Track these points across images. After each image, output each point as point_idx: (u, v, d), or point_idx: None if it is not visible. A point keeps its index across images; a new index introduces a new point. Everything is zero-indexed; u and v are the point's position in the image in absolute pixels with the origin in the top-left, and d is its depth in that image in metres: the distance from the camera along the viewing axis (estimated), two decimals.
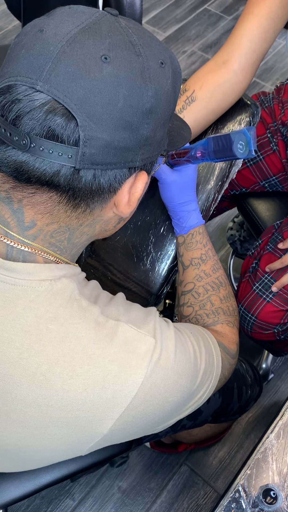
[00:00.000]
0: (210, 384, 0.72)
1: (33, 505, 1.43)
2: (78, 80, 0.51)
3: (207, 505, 1.43)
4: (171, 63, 0.58)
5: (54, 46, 0.52)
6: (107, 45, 0.52)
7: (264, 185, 1.31)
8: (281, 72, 2.41)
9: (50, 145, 0.52)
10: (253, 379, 1.15)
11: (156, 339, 0.61)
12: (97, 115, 0.52)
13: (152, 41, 0.57)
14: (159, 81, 0.56)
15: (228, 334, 0.82)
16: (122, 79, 0.52)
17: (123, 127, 0.53)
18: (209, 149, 0.74)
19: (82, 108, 0.51)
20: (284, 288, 1.10)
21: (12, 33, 2.56)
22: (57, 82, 0.51)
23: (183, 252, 0.88)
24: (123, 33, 0.54)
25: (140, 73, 0.54)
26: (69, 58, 0.51)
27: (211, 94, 0.90)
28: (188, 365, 0.65)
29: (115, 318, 0.61)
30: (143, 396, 0.60)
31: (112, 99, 0.52)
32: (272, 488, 0.73)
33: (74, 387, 0.57)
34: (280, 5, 0.88)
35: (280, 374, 1.63)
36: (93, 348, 0.57)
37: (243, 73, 0.90)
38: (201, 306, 0.84)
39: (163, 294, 0.93)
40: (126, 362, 0.58)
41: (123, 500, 1.44)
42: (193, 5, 2.70)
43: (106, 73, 0.52)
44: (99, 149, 0.53)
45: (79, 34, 0.52)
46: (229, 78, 0.90)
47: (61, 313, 0.57)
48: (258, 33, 0.89)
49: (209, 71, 0.91)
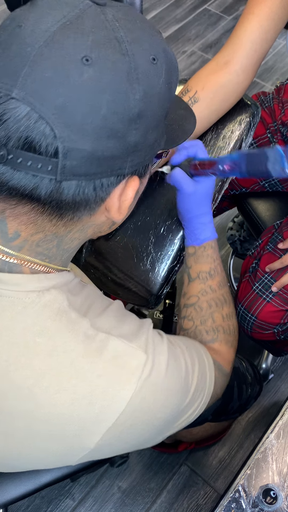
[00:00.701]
0: (201, 401, 0.70)
1: (33, 505, 1.43)
2: (55, 86, 0.47)
3: (207, 505, 1.43)
4: (164, 57, 0.53)
5: (31, 47, 0.47)
6: (89, 44, 0.48)
7: (264, 185, 1.31)
8: (281, 72, 2.41)
9: (28, 156, 0.48)
10: (253, 378, 1.15)
11: (147, 354, 0.59)
12: (77, 124, 0.48)
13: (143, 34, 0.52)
14: (149, 81, 0.51)
15: (225, 354, 0.81)
16: (105, 83, 0.48)
17: (107, 136, 0.49)
18: (241, 164, 0.71)
19: (60, 118, 0.47)
20: (284, 288, 1.10)
21: None
22: (33, 89, 0.47)
23: (191, 264, 0.85)
24: (108, 27, 0.49)
25: (126, 75, 0.49)
26: (47, 61, 0.47)
27: (214, 95, 0.90)
28: (179, 382, 0.64)
29: (105, 331, 0.59)
30: (131, 412, 0.58)
31: (93, 106, 0.48)
32: (272, 488, 0.73)
33: (61, 401, 0.55)
34: (281, 5, 0.88)
35: (280, 374, 1.63)
36: (82, 362, 0.56)
37: (244, 73, 0.91)
38: (202, 321, 0.82)
39: (163, 294, 0.93)
40: (115, 377, 0.57)
41: (123, 500, 1.44)
42: (193, 5, 2.70)
43: (87, 77, 0.47)
44: (81, 160, 0.49)
45: (59, 31, 0.48)
46: (231, 79, 0.90)
47: (49, 325, 0.55)
48: (259, 33, 0.89)
49: (210, 72, 0.91)
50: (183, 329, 0.84)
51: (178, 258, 0.92)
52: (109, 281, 0.95)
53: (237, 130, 0.95)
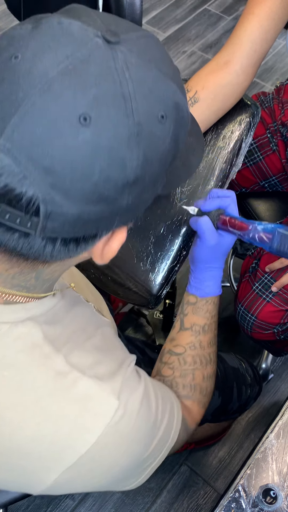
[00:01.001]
0: (160, 455, 0.68)
1: (33, 505, 1.43)
2: (45, 146, 0.41)
3: (207, 505, 1.43)
4: (175, 113, 0.47)
5: (25, 93, 0.41)
6: (90, 99, 0.41)
7: (264, 185, 1.31)
8: (281, 72, 2.41)
9: (7, 210, 0.43)
10: (253, 378, 1.15)
11: (119, 401, 0.57)
12: (64, 189, 0.43)
13: (156, 84, 0.45)
14: (152, 144, 0.45)
15: (194, 414, 0.80)
16: (102, 148, 0.42)
17: (96, 201, 0.44)
18: (273, 242, 0.69)
19: (45, 180, 0.42)
20: (284, 288, 1.10)
21: None
22: (20, 144, 0.41)
23: (188, 312, 0.83)
24: (115, 79, 0.43)
25: (127, 140, 0.43)
26: (39, 114, 0.41)
27: (214, 95, 0.90)
28: (145, 431, 0.62)
29: (80, 368, 0.56)
30: (92, 456, 0.56)
31: (85, 172, 0.42)
32: (272, 488, 0.73)
33: (22, 437, 0.54)
34: (281, 5, 0.88)
35: (280, 374, 1.63)
36: (48, 401, 0.54)
37: (244, 73, 0.91)
38: (182, 375, 0.80)
39: (163, 294, 0.93)
40: (81, 420, 0.55)
41: (123, 500, 1.44)
42: (193, 5, 2.70)
43: (83, 140, 0.41)
44: (63, 223, 0.45)
45: (58, 78, 0.41)
46: (231, 79, 0.90)
47: (19, 359, 0.53)
48: (259, 33, 0.89)
49: (210, 72, 0.91)
50: (160, 374, 0.82)
51: (178, 258, 0.92)
52: (109, 280, 0.95)
53: (237, 130, 0.95)
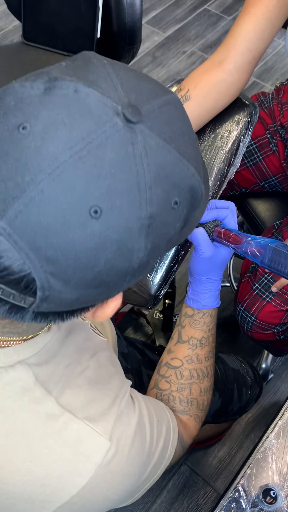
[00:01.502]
0: (154, 477, 0.68)
1: None
2: (50, 236, 0.38)
3: (207, 505, 1.43)
4: (190, 197, 0.44)
5: (31, 177, 0.37)
6: (103, 191, 0.38)
7: (263, 186, 1.31)
8: (281, 72, 2.41)
9: (1, 286, 0.41)
10: (253, 380, 1.15)
11: (111, 441, 0.56)
12: (65, 277, 0.40)
13: (173, 168, 0.41)
14: (162, 232, 0.42)
15: (191, 429, 0.80)
16: (110, 241, 0.39)
17: (96, 286, 0.42)
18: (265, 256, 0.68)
19: (46, 268, 0.39)
20: (283, 288, 1.10)
21: (12, 33, 2.56)
22: (23, 230, 0.38)
23: (186, 324, 0.82)
24: (132, 168, 0.39)
25: (137, 232, 0.40)
26: (46, 203, 0.37)
27: (206, 94, 0.90)
28: (138, 465, 0.62)
29: (71, 411, 0.55)
30: (84, 495, 0.56)
31: (89, 263, 0.40)
32: (272, 488, 0.73)
33: (13, 481, 0.54)
34: (278, 5, 0.87)
35: (280, 374, 1.63)
36: (39, 446, 0.53)
37: (238, 73, 0.90)
38: (179, 389, 0.80)
39: (162, 295, 0.93)
40: (72, 464, 0.55)
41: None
42: (193, 5, 2.70)
43: (91, 233, 0.38)
44: (60, 305, 0.43)
45: (71, 165, 0.37)
46: (225, 78, 0.90)
47: (9, 405, 0.53)
48: (254, 33, 0.88)
49: (204, 71, 0.91)
50: (158, 387, 0.82)
51: (176, 258, 0.92)
52: None
53: (235, 130, 0.95)
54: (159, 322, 1.61)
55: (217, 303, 0.82)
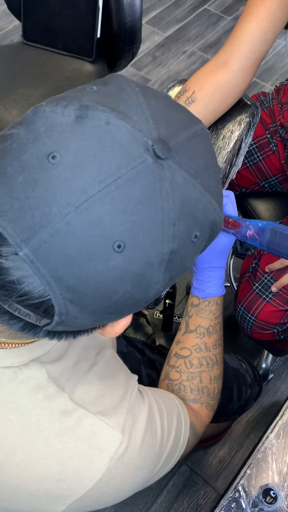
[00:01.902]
0: (168, 466, 0.70)
1: None
2: (73, 267, 0.39)
3: (207, 505, 1.43)
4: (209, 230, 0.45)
5: (59, 209, 0.38)
6: (128, 227, 0.39)
7: (263, 186, 1.31)
8: (281, 72, 2.41)
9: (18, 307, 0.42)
10: (253, 379, 1.15)
11: (124, 434, 0.58)
12: (83, 304, 0.41)
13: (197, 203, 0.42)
14: (181, 266, 0.44)
15: (203, 417, 0.80)
16: (130, 274, 0.40)
17: (110, 312, 0.44)
18: (264, 238, 0.68)
19: (66, 295, 0.40)
20: (284, 288, 1.10)
21: (12, 33, 2.56)
22: (46, 258, 0.39)
23: (192, 314, 0.83)
24: (158, 205, 0.40)
25: (158, 266, 0.41)
26: (72, 235, 0.38)
27: (211, 95, 0.90)
28: (151, 457, 0.63)
29: (84, 406, 0.56)
30: (99, 488, 0.58)
31: (108, 294, 0.41)
32: (272, 488, 0.73)
33: (30, 478, 0.55)
34: (280, 6, 0.87)
35: (280, 374, 1.63)
36: (54, 442, 0.55)
37: (243, 74, 0.90)
38: (189, 378, 0.81)
39: (163, 295, 0.93)
40: (87, 458, 0.56)
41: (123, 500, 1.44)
42: (193, 5, 2.70)
43: (112, 265, 0.39)
44: (74, 327, 0.45)
45: (99, 199, 0.38)
46: (229, 79, 0.90)
47: (24, 403, 0.54)
48: (258, 34, 0.88)
49: (209, 72, 0.91)
50: (169, 378, 0.83)
51: None
52: None
53: (237, 130, 0.95)
54: (159, 322, 1.61)
55: (222, 291, 0.83)
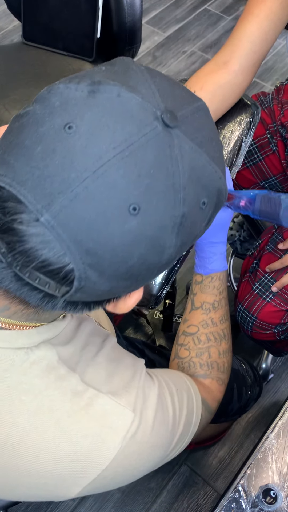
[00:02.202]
0: (183, 443, 0.70)
1: (33, 505, 1.43)
2: (91, 230, 0.41)
3: (207, 505, 1.43)
4: (216, 198, 0.47)
5: (77, 174, 0.40)
6: (142, 190, 0.41)
7: (264, 186, 1.31)
8: (281, 72, 2.41)
9: (39, 276, 0.43)
10: (253, 380, 1.15)
11: (135, 413, 0.58)
12: (101, 269, 0.43)
13: (203, 171, 0.45)
14: (191, 230, 0.46)
15: (214, 392, 0.81)
16: (145, 237, 0.42)
17: (126, 278, 0.45)
18: (255, 205, 0.70)
19: (85, 260, 0.42)
20: (284, 288, 1.10)
21: (12, 33, 2.56)
22: (66, 223, 0.40)
23: (197, 291, 0.84)
24: (169, 170, 0.42)
25: (170, 230, 0.43)
26: (90, 199, 0.40)
27: (212, 95, 0.90)
28: (164, 435, 0.63)
29: (95, 386, 0.57)
30: (113, 469, 0.58)
31: (124, 258, 0.43)
32: (272, 488, 0.73)
33: (44, 459, 0.55)
34: (281, 6, 0.87)
35: (280, 374, 1.63)
36: (67, 422, 0.55)
37: (243, 74, 0.90)
38: (198, 354, 0.81)
39: (163, 295, 0.93)
40: (100, 437, 0.56)
41: (123, 500, 1.44)
42: (193, 5, 2.70)
43: (128, 228, 0.41)
44: (92, 294, 0.46)
45: (114, 164, 0.40)
46: (230, 79, 0.90)
47: (36, 383, 0.54)
48: (258, 34, 0.88)
49: (209, 72, 0.91)
50: (178, 356, 0.83)
51: (178, 259, 0.92)
52: None
53: (237, 130, 0.95)
54: (159, 322, 1.61)
55: (224, 266, 0.83)
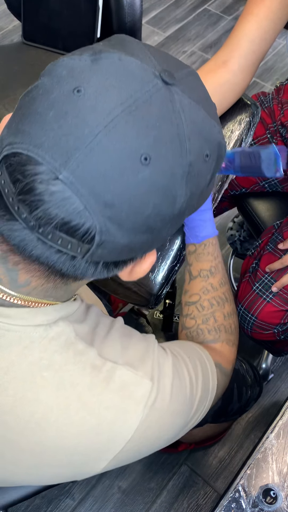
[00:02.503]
0: (204, 408, 0.71)
1: (33, 505, 1.43)
2: (107, 182, 0.44)
3: (207, 505, 1.43)
4: (217, 152, 0.51)
5: (90, 130, 0.43)
6: (151, 140, 0.44)
7: (264, 186, 1.31)
8: (281, 72, 2.41)
9: (60, 236, 0.46)
10: (253, 379, 1.15)
11: (153, 381, 0.60)
12: (120, 221, 0.46)
13: (203, 125, 0.49)
14: (198, 181, 0.49)
15: (226, 354, 0.81)
16: (158, 187, 0.45)
17: (144, 231, 0.48)
18: (235, 163, 0.70)
19: (104, 212, 0.45)
20: (284, 288, 1.10)
21: (12, 33, 2.56)
22: (83, 178, 0.43)
23: (192, 261, 0.85)
24: (173, 121, 0.46)
25: (180, 179, 0.47)
26: (104, 152, 0.43)
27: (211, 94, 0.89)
28: (183, 402, 0.64)
29: (112, 359, 0.59)
30: (137, 439, 0.59)
31: (140, 207, 0.45)
32: (272, 488, 0.73)
33: (68, 434, 0.56)
34: (280, 5, 0.87)
35: (280, 374, 1.63)
36: (88, 395, 0.56)
37: (242, 73, 0.90)
38: (204, 320, 0.82)
39: (163, 294, 0.93)
40: (121, 408, 0.57)
41: (123, 500, 1.44)
42: (193, 5, 2.70)
43: (142, 178, 0.44)
44: (112, 250, 0.48)
45: (123, 118, 0.44)
46: (229, 79, 0.90)
47: (56, 359, 0.55)
48: (257, 33, 0.88)
49: (208, 71, 0.91)
50: (185, 327, 0.84)
51: (178, 258, 0.92)
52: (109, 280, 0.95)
53: (237, 130, 0.95)
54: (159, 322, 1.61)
55: (214, 231, 0.84)
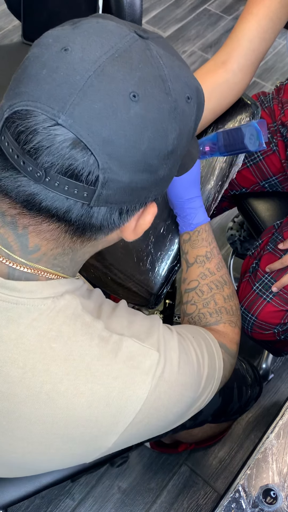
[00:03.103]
0: (212, 387, 0.72)
1: (33, 505, 1.43)
2: (103, 119, 0.48)
3: (207, 505, 1.43)
4: (196, 96, 0.56)
5: (81, 76, 0.48)
6: (137, 80, 0.49)
7: (264, 185, 1.31)
8: (281, 72, 2.41)
9: (67, 181, 0.49)
10: (253, 379, 1.15)
11: (160, 353, 0.61)
12: (120, 157, 0.49)
13: (180, 71, 0.54)
14: (184, 120, 0.53)
15: (230, 334, 0.82)
16: (149, 121, 0.50)
17: (142, 170, 0.51)
18: (219, 143, 0.73)
19: (104, 149, 0.48)
20: (284, 288, 1.10)
21: (12, 33, 2.56)
22: (81, 119, 0.47)
23: (188, 249, 0.87)
24: (153, 64, 0.51)
25: (168, 114, 0.51)
26: (96, 92, 0.47)
27: (210, 94, 0.90)
28: (191, 375, 0.65)
29: (119, 332, 0.60)
30: (147, 410, 0.60)
31: (136, 142, 0.49)
32: (272, 488, 0.73)
33: (79, 405, 0.57)
34: (279, 5, 0.88)
35: (280, 374, 1.63)
36: (97, 365, 0.57)
37: (242, 73, 0.90)
38: (205, 304, 0.84)
39: (163, 294, 0.93)
40: (130, 378, 0.58)
41: (123, 500, 1.44)
42: (193, 5, 2.70)
43: (134, 113, 0.49)
44: (116, 190, 0.51)
45: (108, 63, 0.48)
46: (228, 78, 0.90)
47: (64, 330, 0.56)
48: (257, 33, 0.88)
49: (208, 71, 0.91)
50: (186, 314, 0.85)
51: (178, 258, 0.92)
52: (109, 280, 0.95)
53: None
54: None
55: (206, 218, 0.87)
